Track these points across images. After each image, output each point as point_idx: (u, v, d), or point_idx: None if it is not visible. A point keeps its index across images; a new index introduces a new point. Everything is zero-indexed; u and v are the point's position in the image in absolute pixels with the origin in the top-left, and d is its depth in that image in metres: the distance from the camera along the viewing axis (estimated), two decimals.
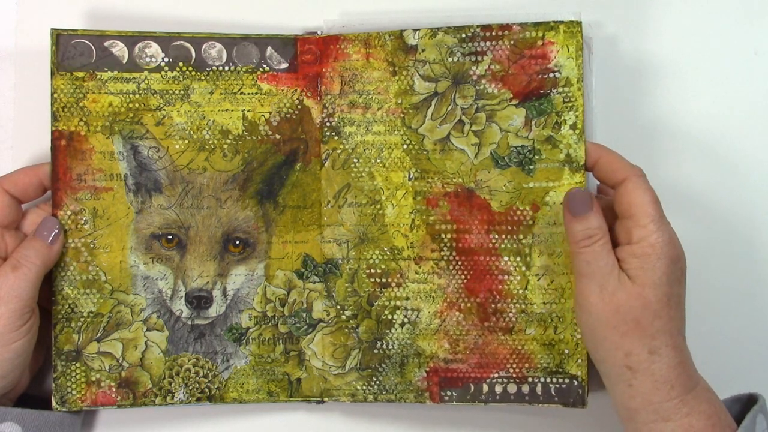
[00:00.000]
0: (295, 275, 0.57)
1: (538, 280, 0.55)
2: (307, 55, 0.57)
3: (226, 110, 0.56)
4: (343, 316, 0.56)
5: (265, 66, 0.57)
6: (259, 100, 0.56)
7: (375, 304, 0.56)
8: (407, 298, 0.56)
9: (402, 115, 0.56)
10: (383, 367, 0.56)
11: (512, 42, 0.55)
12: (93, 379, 0.55)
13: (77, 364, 0.55)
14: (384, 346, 0.56)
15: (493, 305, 0.56)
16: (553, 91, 0.55)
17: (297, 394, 0.57)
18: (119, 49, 0.55)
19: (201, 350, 0.56)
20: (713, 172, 0.60)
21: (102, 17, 0.59)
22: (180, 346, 0.56)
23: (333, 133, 0.56)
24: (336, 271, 0.56)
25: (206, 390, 0.56)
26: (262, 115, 0.56)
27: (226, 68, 0.56)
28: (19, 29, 0.59)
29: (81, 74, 0.55)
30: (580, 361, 0.55)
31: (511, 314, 0.55)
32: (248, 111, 0.56)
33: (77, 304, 0.55)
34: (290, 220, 0.57)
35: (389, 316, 0.56)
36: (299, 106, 0.57)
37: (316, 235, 0.57)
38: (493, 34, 0.55)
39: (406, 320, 0.56)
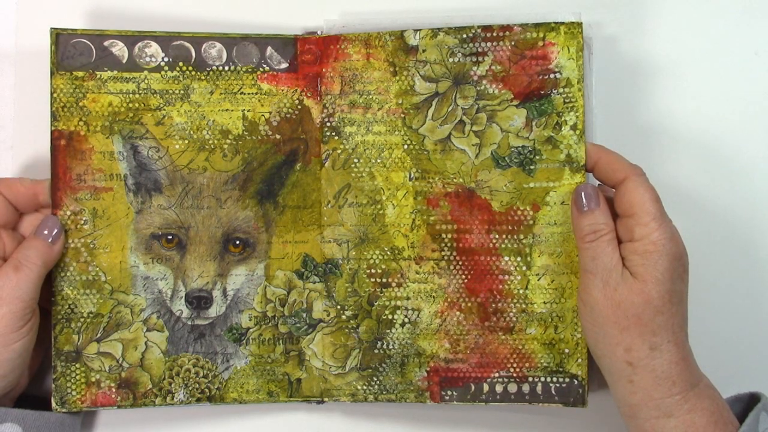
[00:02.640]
0: (295, 275, 0.57)
1: (538, 280, 0.55)
2: (307, 55, 0.57)
3: (226, 110, 0.56)
4: (344, 316, 0.56)
5: (265, 66, 0.56)
6: (259, 100, 0.56)
7: (375, 304, 0.56)
8: (408, 298, 0.56)
9: (402, 116, 0.56)
10: (384, 367, 0.56)
11: (513, 43, 0.55)
12: (93, 379, 0.55)
13: (77, 365, 0.55)
14: (384, 346, 0.56)
15: (493, 305, 0.55)
16: (553, 91, 0.55)
17: (297, 394, 0.57)
18: (119, 49, 0.55)
19: (201, 350, 0.56)
20: (713, 172, 0.60)
21: (102, 17, 0.59)
22: (180, 346, 0.56)
23: (333, 133, 0.56)
24: (336, 271, 0.56)
25: (206, 390, 0.56)
26: (262, 115, 0.56)
27: (226, 68, 0.56)
28: (19, 29, 0.59)
29: (81, 74, 0.55)
30: (580, 360, 0.55)
31: (511, 314, 0.55)
32: (248, 111, 0.56)
33: (77, 304, 0.55)
34: (290, 220, 0.57)
35: (390, 316, 0.56)
36: (299, 106, 0.57)
37: (316, 235, 0.57)
38: (494, 34, 0.55)
39: (406, 320, 0.56)
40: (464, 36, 0.55)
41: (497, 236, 0.55)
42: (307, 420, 0.59)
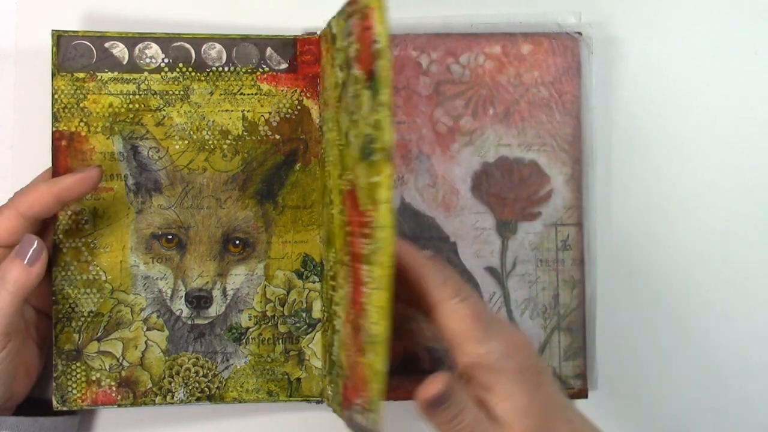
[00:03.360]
0: (295, 275, 0.57)
1: (375, 295, 0.45)
2: (307, 55, 0.57)
3: (226, 111, 0.56)
4: (326, 318, 0.56)
5: (264, 66, 0.57)
6: (258, 101, 0.57)
7: (330, 308, 0.54)
8: (338, 305, 0.52)
9: (336, 110, 0.51)
10: (332, 374, 0.54)
11: (359, 15, 0.46)
12: (93, 378, 0.55)
13: (78, 364, 0.55)
14: (333, 353, 0.53)
15: (359, 321, 0.47)
16: (377, 64, 0.44)
17: (297, 393, 0.57)
18: (119, 50, 0.56)
19: (201, 350, 0.56)
20: (713, 172, 0.60)
21: (102, 18, 0.60)
22: (180, 345, 0.56)
23: (322, 133, 0.56)
24: (324, 272, 0.56)
25: (206, 389, 0.56)
26: (262, 116, 0.57)
27: (226, 69, 0.56)
28: (19, 29, 0.60)
29: (81, 75, 0.55)
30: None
31: (364, 333, 0.46)
32: (248, 111, 0.56)
33: (77, 303, 0.55)
34: (290, 220, 0.57)
35: (334, 323, 0.53)
36: (299, 107, 0.57)
37: (315, 235, 0.57)
38: (352, 9, 0.47)
39: (337, 328, 0.52)
40: (345, 16, 0.48)
41: (362, 240, 0.46)
42: (307, 420, 0.60)
